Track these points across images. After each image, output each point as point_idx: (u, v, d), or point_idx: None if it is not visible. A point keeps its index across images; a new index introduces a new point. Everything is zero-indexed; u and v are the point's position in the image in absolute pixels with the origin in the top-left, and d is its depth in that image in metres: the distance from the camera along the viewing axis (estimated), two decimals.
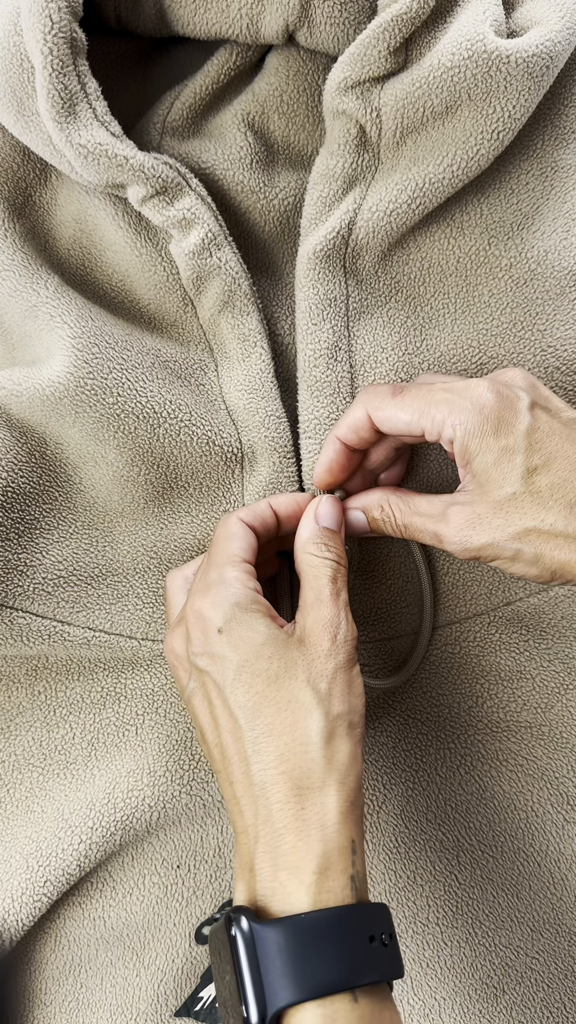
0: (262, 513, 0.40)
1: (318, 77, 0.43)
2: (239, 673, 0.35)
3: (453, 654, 0.45)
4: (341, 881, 0.32)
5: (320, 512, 0.39)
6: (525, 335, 0.44)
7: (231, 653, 0.35)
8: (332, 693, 0.34)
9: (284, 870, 0.32)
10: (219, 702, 0.35)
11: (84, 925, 0.45)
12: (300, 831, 0.32)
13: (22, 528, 0.42)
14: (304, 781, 0.33)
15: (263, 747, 0.34)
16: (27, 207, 0.44)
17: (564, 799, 0.44)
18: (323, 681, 0.35)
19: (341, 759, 0.34)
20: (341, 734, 0.34)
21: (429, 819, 0.45)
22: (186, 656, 0.37)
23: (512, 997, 0.44)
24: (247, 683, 0.35)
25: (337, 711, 0.34)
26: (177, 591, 0.41)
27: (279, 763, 0.33)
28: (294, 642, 0.36)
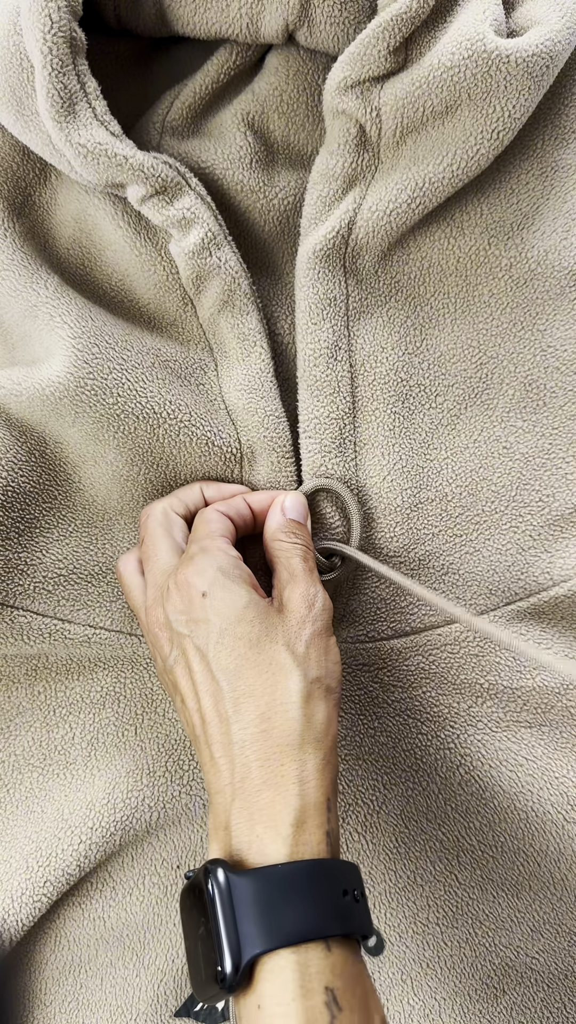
0: (238, 507, 0.41)
1: (318, 77, 0.43)
2: (221, 636, 0.36)
3: (453, 654, 0.45)
4: (317, 835, 0.33)
5: (287, 505, 0.41)
6: (525, 335, 0.44)
7: (214, 617, 0.36)
8: (309, 657, 0.36)
9: (261, 824, 0.33)
10: (200, 666, 0.36)
11: (84, 925, 0.45)
12: (278, 786, 0.33)
13: (22, 527, 0.42)
14: (283, 739, 0.34)
15: (243, 707, 0.34)
16: (27, 207, 0.44)
17: (564, 799, 0.44)
18: (300, 645, 0.36)
19: (319, 719, 0.35)
20: (318, 696, 0.35)
21: (429, 819, 0.45)
22: (168, 621, 0.37)
23: (512, 997, 0.44)
24: (229, 646, 0.35)
25: (315, 674, 0.35)
26: (132, 573, 0.41)
27: (259, 722, 0.34)
28: (274, 610, 0.37)
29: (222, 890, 0.31)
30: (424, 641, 0.45)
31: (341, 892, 0.32)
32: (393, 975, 0.45)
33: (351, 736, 0.45)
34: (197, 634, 0.36)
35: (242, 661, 0.35)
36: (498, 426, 0.44)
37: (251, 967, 0.31)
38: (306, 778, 0.33)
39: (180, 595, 0.37)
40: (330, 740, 0.35)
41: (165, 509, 0.41)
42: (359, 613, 0.45)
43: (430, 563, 0.45)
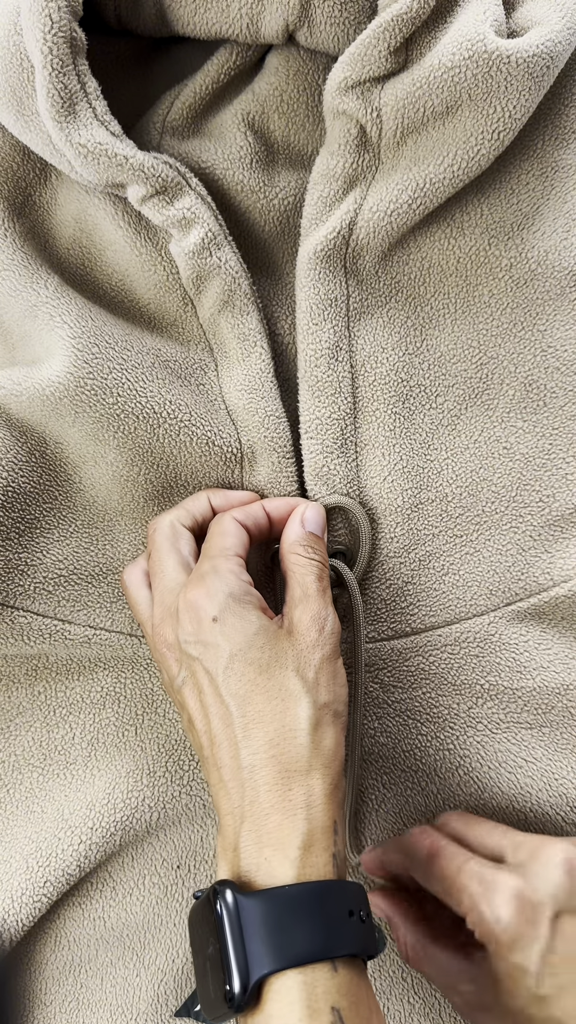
0: (255, 514, 0.41)
1: (318, 77, 0.43)
2: (232, 661, 0.36)
3: (453, 654, 0.45)
4: (324, 858, 0.33)
5: (307, 517, 0.41)
6: (525, 335, 0.44)
7: (224, 642, 0.36)
8: (319, 682, 0.36)
9: (269, 847, 0.33)
10: (210, 690, 0.36)
11: (84, 925, 0.45)
12: (286, 811, 0.33)
13: (22, 528, 0.42)
14: (292, 765, 0.34)
15: (253, 733, 0.35)
16: (27, 207, 0.44)
17: (564, 800, 0.44)
18: (310, 670, 0.36)
19: (327, 745, 0.35)
20: (327, 722, 0.35)
21: (428, 819, 0.45)
22: (178, 645, 0.37)
23: None
24: (239, 672, 0.35)
25: (324, 700, 0.36)
26: (138, 586, 0.41)
27: (268, 748, 0.34)
28: (283, 634, 0.37)
29: (231, 910, 0.32)
30: (424, 642, 0.45)
31: (347, 913, 0.32)
32: (394, 973, 0.45)
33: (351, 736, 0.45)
34: (207, 658, 0.36)
35: (252, 687, 0.35)
36: (498, 426, 0.44)
37: (259, 987, 0.31)
38: (313, 803, 0.34)
39: (190, 617, 0.37)
40: (337, 764, 0.35)
41: (172, 522, 0.41)
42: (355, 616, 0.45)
43: (430, 563, 0.45)
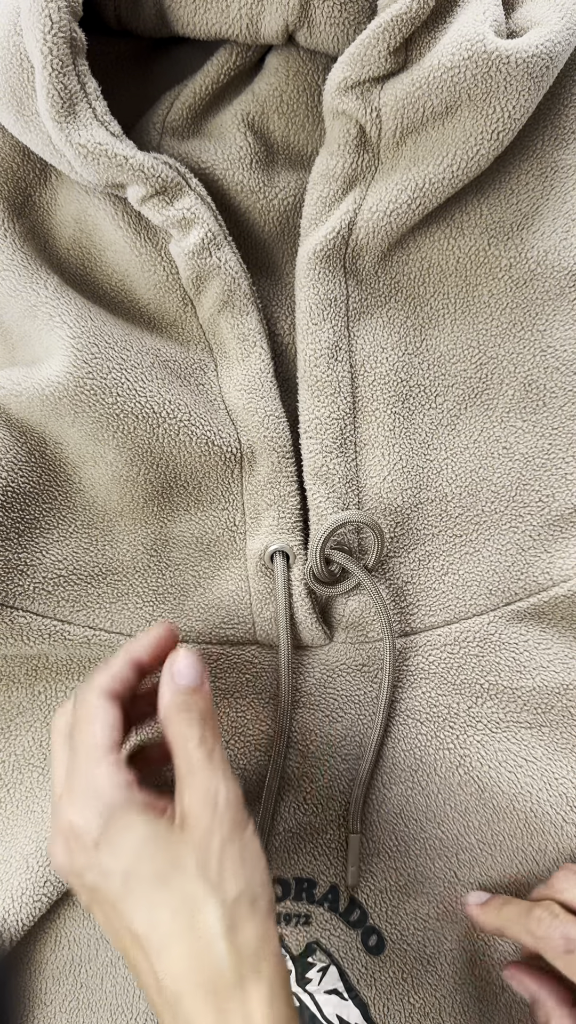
0: (121, 674, 0.37)
1: (318, 77, 0.43)
2: (126, 884, 0.33)
3: (453, 654, 0.45)
4: None
5: (176, 670, 0.37)
6: (525, 335, 0.44)
7: (114, 864, 0.33)
8: (223, 875, 0.33)
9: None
10: (115, 917, 0.33)
11: (84, 924, 0.45)
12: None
13: (22, 528, 0.42)
14: (218, 982, 0.31)
15: (167, 956, 0.32)
16: (27, 207, 0.44)
17: (563, 800, 0.44)
18: (212, 863, 0.33)
19: (250, 943, 0.32)
20: (244, 916, 0.32)
21: (428, 818, 0.45)
22: (73, 873, 0.35)
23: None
24: (137, 894, 0.33)
25: (233, 894, 0.32)
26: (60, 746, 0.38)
27: (187, 971, 0.31)
28: (176, 829, 0.34)
29: None
30: (424, 641, 0.45)
31: None
32: (394, 974, 0.45)
33: (351, 736, 0.45)
34: (102, 887, 0.33)
35: (153, 907, 0.32)
36: (498, 426, 0.44)
37: None
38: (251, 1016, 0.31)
39: (75, 846, 0.34)
40: (270, 958, 0.32)
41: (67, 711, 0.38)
42: (359, 614, 0.45)
43: (430, 563, 0.45)
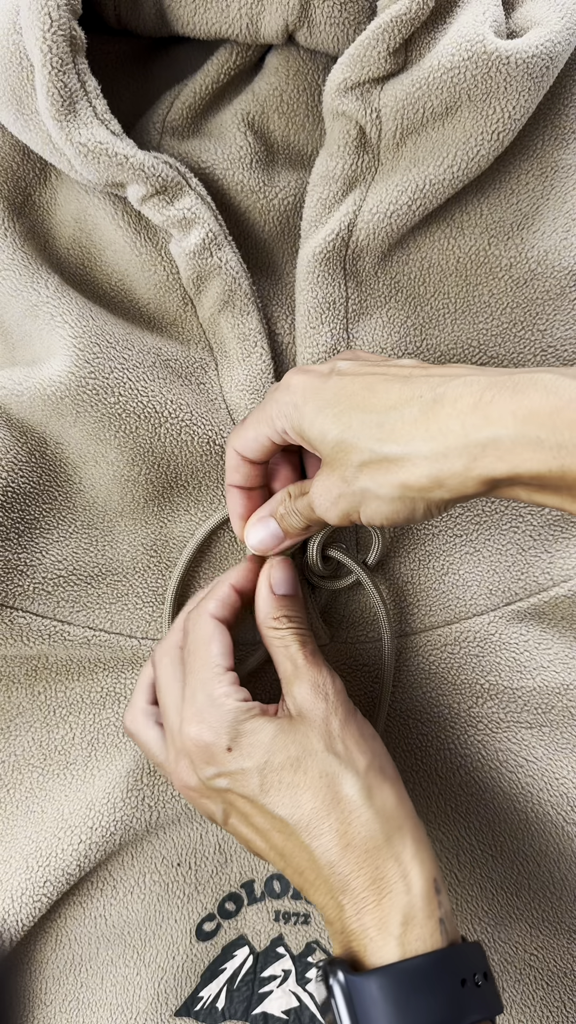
0: (227, 599, 0.40)
1: (318, 77, 0.43)
2: (264, 776, 0.35)
3: (453, 654, 0.45)
4: (429, 927, 0.32)
5: (273, 580, 0.39)
6: (525, 335, 0.44)
7: (248, 762, 0.35)
8: (350, 750, 0.35)
9: (373, 927, 0.33)
10: (255, 812, 0.35)
11: (85, 923, 0.45)
12: (381, 890, 0.33)
13: (22, 528, 0.42)
14: (368, 844, 0.33)
15: (316, 831, 0.34)
16: (27, 206, 0.43)
17: (564, 800, 0.44)
18: (338, 743, 0.35)
19: (390, 806, 0.34)
20: (377, 784, 0.35)
21: (429, 819, 0.45)
22: (203, 785, 0.36)
23: (512, 995, 0.45)
24: (275, 783, 0.35)
25: (364, 764, 0.35)
26: (143, 727, 0.40)
27: (338, 838, 0.33)
28: (296, 721, 0.36)
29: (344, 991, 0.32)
30: (424, 641, 0.45)
31: (459, 982, 0.32)
32: None
33: None
34: (238, 786, 0.35)
35: (294, 790, 0.34)
36: None
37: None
38: (407, 871, 0.33)
39: (203, 756, 0.36)
40: (410, 820, 0.34)
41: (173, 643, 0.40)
42: (359, 614, 0.45)
43: (430, 563, 0.45)
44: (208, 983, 0.45)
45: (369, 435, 0.33)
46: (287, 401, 0.36)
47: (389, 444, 0.32)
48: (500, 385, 0.30)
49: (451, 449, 0.31)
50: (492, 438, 0.30)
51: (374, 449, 0.33)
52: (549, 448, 0.29)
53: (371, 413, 0.33)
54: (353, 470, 0.33)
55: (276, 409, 0.36)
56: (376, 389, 0.34)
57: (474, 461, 0.30)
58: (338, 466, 0.34)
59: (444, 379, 0.32)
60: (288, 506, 0.39)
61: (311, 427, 0.35)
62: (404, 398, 0.32)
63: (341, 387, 0.35)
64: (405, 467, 0.32)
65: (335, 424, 0.34)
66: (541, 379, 0.29)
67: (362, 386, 0.34)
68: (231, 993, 0.45)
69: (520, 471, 0.30)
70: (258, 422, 0.37)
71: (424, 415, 0.31)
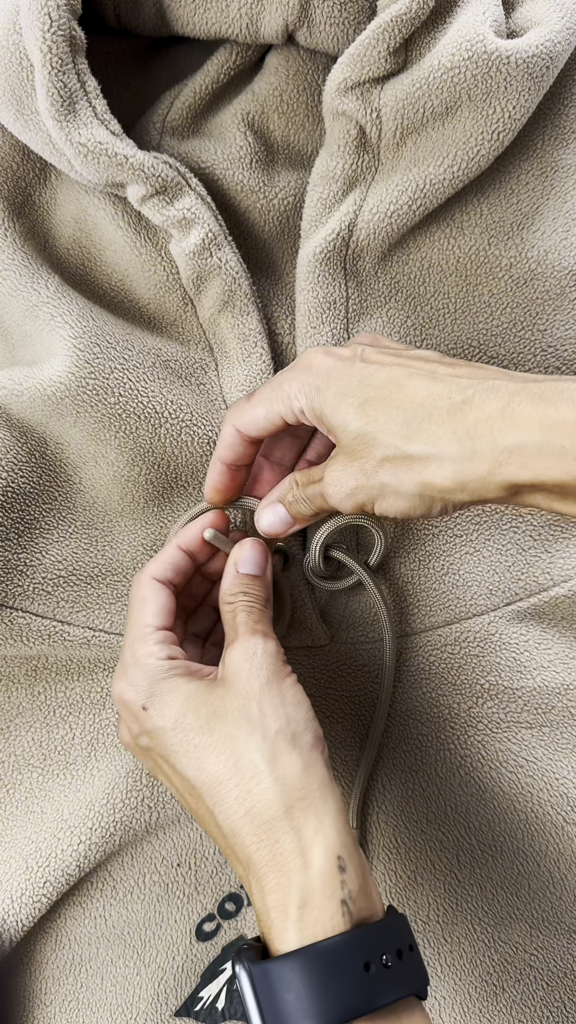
0: (172, 559, 0.39)
1: (318, 77, 0.43)
2: (174, 735, 0.34)
3: (453, 654, 0.45)
4: (328, 909, 0.30)
5: (239, 559, 0.39)
6: (525, 335, 0.44)
7: (161, 721, 0.35)
8: (264, 712, 0.33)
9: (274, 909, 0.31)
10: (171, 771, 0.35)
11: (85, 924, 0.45)
12: (280, 865, 0.31)
13: (22, 528, 0.42)
14: (266, 813, 0.32)
15: (219, 795, 0.33)
16: (27, 206, 0.43)
17: (564, 800, 0.44)
18: (252, 704, 0.34)
19: (294, 774, 0.32)
20: (285, 750, 0.33)
21: (429, 819, 0.45)
22: (133, 742, 0.37)
23: (512, 995, 0.45)
24: (183, 742, 0.34)
25: (274, 728, 0.33)
26: None
27: (239, 805, 0.32)
28: (217, 684, 0.35)
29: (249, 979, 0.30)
30: (424, 642, 0.45)
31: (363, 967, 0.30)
32: None
33: (351, 736, 0.45)
34: (156, 744, 0.35)
35: (201, 751, 0.34)
36: None
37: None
38: (306, 846, 0.31)
39: (127, 714, 0.36)
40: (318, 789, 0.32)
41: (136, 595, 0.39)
42: (359, 615, 0.45)
43: (430, 563, 0.45)
44: (208, 983, 0.45)
45: (394, 431, 0.33)
46: (309, 382, 0.35)
47: (415, 442, 0.32)
48: (527, 392, 0.30)
49: (477, 452, 0.31)
50: (518, 444, 0.30)
51: (399, 446, 0.32)
52: (573, 458, 0.29)
53: (397, 409, 0.33)
54: (374, 464, 0.33)
55: (296, 388, 0.36)
56: (403, 384, 0.33)
57: (499, 467, 0.30)
58: (358, 458, 0.34)
59: (473, 382, 0.32)
60: (297, 494, 0.38)
61: (333, 413, 0.34)
62: (432, 396, 0.32)
63: (366, 376, 0.34)
64: (430, 467, 0.32)
65: (359, 415, 0.34)
66: (568, 389, 0.30)
67: (388, 378, 0.34)
68: (231, 993, 0.45)
69: (544, 479, 0.30)
70: (271, 400, 0.37)
71: (452, 416, 0.31)
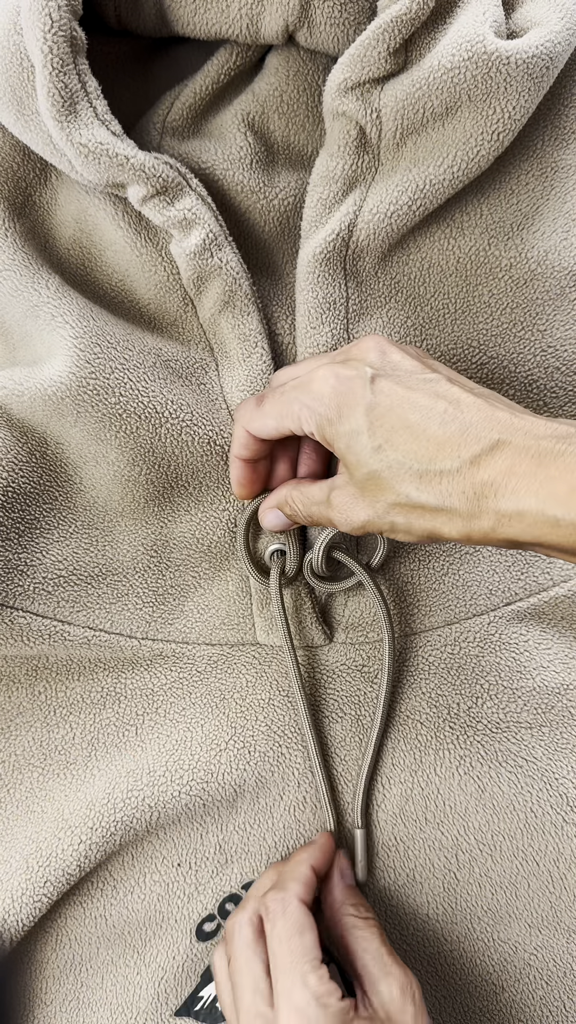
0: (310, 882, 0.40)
1: (318, 77, 0.43)
2: None
3: (453, 654, 0.45)
4: None
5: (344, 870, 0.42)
6: (525, 335, 0.44)
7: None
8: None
9: None
10: None
11: (85, 923, 0.45)
12: None
13: (22, 528, 0.42)
14: None
15: None
16: (27, 207, 0.43)
17: (564, 800, 0.44)
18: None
19: None
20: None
21: (428, 819, 0.45)
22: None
23: (512, 994, 0.45)
24: None
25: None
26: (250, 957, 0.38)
27: None
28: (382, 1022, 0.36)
29: None
30: (424, 642, 0.45)
31: None
32: None
33: (351, 736, 0.45)
34: None
35: None
36: None
37: None
38: None
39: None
40: None
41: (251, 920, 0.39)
42: (358, 616, 0.45)
43: (429, 563, 0.45)
44: (208, 983, 0.45)
45: (408, 481, 0.34)
46: (318, 412, 0.36)
47: (427, 495, 0.34)
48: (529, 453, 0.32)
49: (482, 511, 0.32)
50: (517, 511, 0.31)
51: (411, 496, 0.34)
52: (566, 527, 0.30)
53: (411, 458, 0.34)
54: (385, 506, 0.35)
55: (306, 414, 0.36)
56: (415, 429, 0.34)
57: (501, 527, 0.32)
58: (369, 495, 0.35)
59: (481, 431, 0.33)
60: (295, 507, 0.40)
61: (347, 451, 0.35)
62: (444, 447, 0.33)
63: (377, 414, 0.35)
64: (439, 518, 0.34)
65: (373, 457, 0.35)
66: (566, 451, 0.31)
67: (400, 422, 0.34)
68: None
69: (542, 541, 0.31)
70: (281, 416, 0.38)
71: (461, 475, 0.33)
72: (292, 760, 0.45)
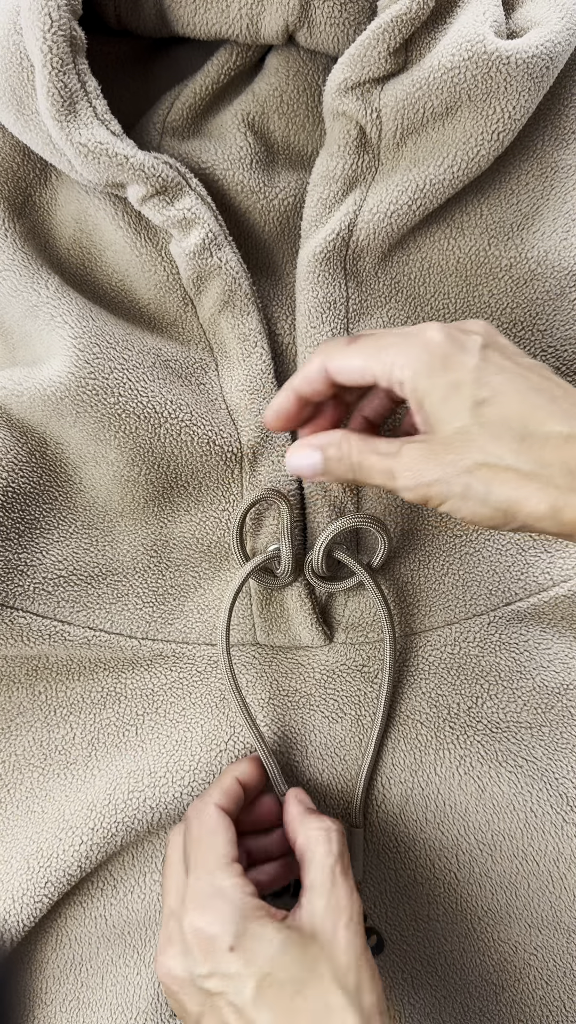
0: (231, 791, 0.40)
1: (318, 77, 0.43)
2: (260, 990, 0.32)
3: (453, 654, 0.45)
4: None
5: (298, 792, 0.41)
6: (525, 335, 0.44)
7: (246, 969, 0.33)
8: (361, 985, 0.32)
9: None
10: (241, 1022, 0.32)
11: (86, 923, 0.45)
12: None
13: (22, 528, 0.42)
14: None
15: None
16: (27, 207, 0.44)
17: (564, 800, 0.44)
18: (350, 974, 0.33)
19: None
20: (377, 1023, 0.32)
21: (428, 819, 0.45)
22: (190, 980, 0.34)
23: (512, 994, 0.45)
24: (271, 1000, 0.32)
25: (369, 1003, 0.32)
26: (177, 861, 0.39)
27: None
28: (308, 938, 0.33)
29: None
30: (424, 642, 0.45)
31: None
32: (395, 974, 0.45)
33: (351, 736, 0.45)
34: (231, 990, 0.32)
35: (289, 1015, 0.31)
36: None
37: None
38: None
39: (203, 949, 0.34)
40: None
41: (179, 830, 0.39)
42: (359, 615, 0.45)
43: (430, 563, 0.45)
44: None
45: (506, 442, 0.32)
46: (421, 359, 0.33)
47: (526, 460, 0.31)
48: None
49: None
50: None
51: (505, 457, 0.32)
52: None
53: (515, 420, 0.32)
54: (467, 464, 0.32)
55: (403, 360, 0.34)
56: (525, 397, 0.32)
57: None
58: (452, 452, 0.33)
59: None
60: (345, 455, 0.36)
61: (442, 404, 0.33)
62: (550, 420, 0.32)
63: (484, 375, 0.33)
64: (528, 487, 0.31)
65: (471, 413, 0.32)
66: None
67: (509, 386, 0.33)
68: None
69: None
70: (371, 357, 0.35)
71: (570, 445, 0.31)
72: (294, 759, 0.45)
